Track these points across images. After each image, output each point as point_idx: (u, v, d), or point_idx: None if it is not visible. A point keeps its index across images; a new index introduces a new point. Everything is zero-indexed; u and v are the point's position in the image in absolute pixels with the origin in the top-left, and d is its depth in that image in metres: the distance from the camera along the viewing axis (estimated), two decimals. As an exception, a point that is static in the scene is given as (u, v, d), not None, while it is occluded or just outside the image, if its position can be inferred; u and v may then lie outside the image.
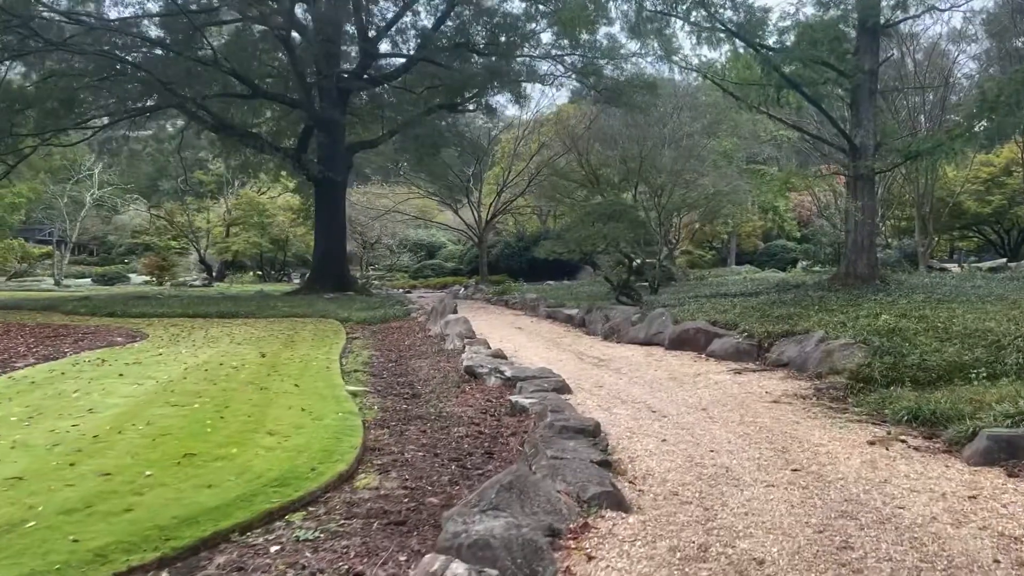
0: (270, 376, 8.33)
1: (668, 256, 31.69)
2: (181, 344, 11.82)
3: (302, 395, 7.21)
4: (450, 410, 6.98)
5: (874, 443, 5.83)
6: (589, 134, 28.70)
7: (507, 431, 6.20)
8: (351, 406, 6.74)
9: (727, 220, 41.05)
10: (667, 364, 10.10)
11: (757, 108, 16.61)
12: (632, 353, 11.22)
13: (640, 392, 7.98)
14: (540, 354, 11.04)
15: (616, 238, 14.75)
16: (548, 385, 7.55)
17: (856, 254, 15.44)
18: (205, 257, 48.32)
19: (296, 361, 9.59)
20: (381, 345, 12.20)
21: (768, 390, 8.05)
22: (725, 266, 43.18)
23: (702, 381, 8.69)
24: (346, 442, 5.48)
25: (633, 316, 13.01)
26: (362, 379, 8.63)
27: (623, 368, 9.74)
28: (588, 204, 16.86)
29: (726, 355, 10.37)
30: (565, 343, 12.49)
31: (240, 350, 10.90)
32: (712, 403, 7.37)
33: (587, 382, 8.58)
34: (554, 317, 16.59)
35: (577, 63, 27.56)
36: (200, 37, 22.77)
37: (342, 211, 28.06)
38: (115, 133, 28.21)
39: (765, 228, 47.10)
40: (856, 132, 15.29)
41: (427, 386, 8.32)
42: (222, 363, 9.33)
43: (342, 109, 25.45)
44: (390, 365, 9.85)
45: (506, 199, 37.81)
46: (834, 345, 8.88)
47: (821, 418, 6.70)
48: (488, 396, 7.60)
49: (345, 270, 28.13)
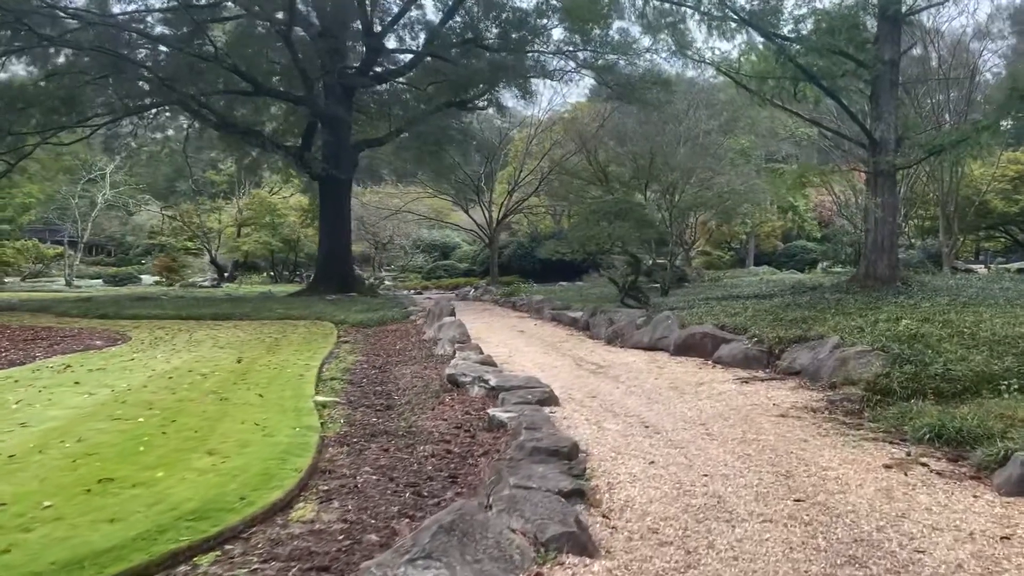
0: (236, 385, 7.76)
1: (684, 257, 31.02)
2: (159, 348, 11.32)
3: (263, 407, 6.63)
4: (421, 424, 6.37)
5: (891, 467, 5.15)
6: (601, 132, 27.99)
7: (479, 450, 5.59)
8: (312, 420, 6.16)
9: (745, 220, 40.22)
10: (670, 371, 9.43)
11: (772, 101, 15.87)
12: (634, 359, 10.56)
13: (635, 403, 7.33)
14: (536, 360, 10.41)
15: (622, 238, 14.07)
16: (533, 396, 6.91)
17: (876, 254, 14.65)
18: (216, 258, 48.11)
19: (271, 368, 9.03)
20: (370, 350, 11.62)
21: (776, 402, 7.37)
22: (743, 267, 42.27)
23: (705, 391, 8.02)
24: (292, 464, 4.89)
25: (638, 319, 12.34)
26: (337, 388, 8.04)
27: (622, 376, 9.08)
28: (593, 202, 16.20)
29: (734, 362, 9.69)
30: (565, 348, 11.83)
31: (218, 355, 10.37)
32: (713, 417, 6.71)
33: (580, 392, 7.94)
34: (558, 320, 15.95)
35: (589, 59, 26.88)
36: (202, 33, 22.35)
37: (347, 210, 27.53)
38: (121, 131, 27.91)
39: (785, 228, 46.08)
40: (876, 126, 14.50)
41: (405, 396, 7.72)
42: (192, 369, 8.79)
43: (347, 106, 24.94)
44: (372, 372, 9.25)
45: (518, 199, 37.18)
46: (850, 352, 8.17)
47: (832, 435, 6.03)
48: (468, 408, 6.99)
49: (350, 270, 27.61)
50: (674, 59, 26.38)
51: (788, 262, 43.43)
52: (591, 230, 14.27)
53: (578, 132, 29.14)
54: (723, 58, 18.70)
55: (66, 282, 40.49)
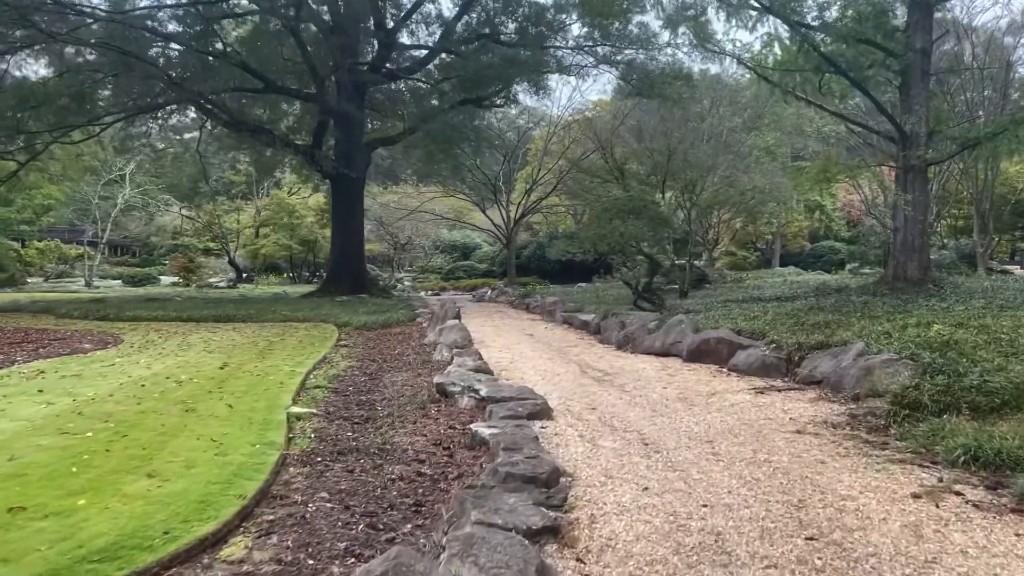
0: (211, 394, 7.27)
1: (707, 257, 30.22)
2: (147, 352, 10.91)
3: (228, 419, 6.12)
4: (397, 441, 5.81)
5: (920, 496, 4.50)
6: (620, 128, 27.28)
7: (454, 472, 5.02)
8: (277, 435, 5.63)
9: (770, 220, 39.27)
10: (680, 380, 8.79)
11: (795, 94, 15.12)
12: (644, 365, 9.92)
13: (638, 416, 6.71)
14: (539, 366, 9.81)
15: (636, 236, 13.42)
16: (523, 409, 6.33)
17: (905, 254, 13.86)
18: (235, 258, 48.03)
19: (254, 375, 8.54)
20: (365, 355, 11.09)
21: (793, 415, 6.72)
22: (769, 268, 41.29)
23: (716, 402, 7.39)
24: (238, 488, 4.35)
25: (650, 323, 11.69)
26: (319, 397, 7.52)
27: (628, 384, 8.46)
28: (606, 200, 15.58)
29: (750, 369, 9.03)
30: (572, 353, 11.22)
31: (205, 360, 9.91)
32: (721, 433, 6.09)
33: (579, 403, 7.33)
34: (569, 323, 15.34)
35: (608, 54, 26.18)
36: (213, 31, 22.03)
37: (360, 209, 27.07)
38: (135, 130, 27.71)
39: (812, 228, 44.98)
40: (906, 119, 13.70)
41: (389, 407, 7.18)
42: (170, 376, 8.32)
43: (359, 104, 24.49)
44: (361, 380, 8.72)
45: (536, 198, 36.55)
46: (875, 360, 7.49)
47: (854, 455, 5.39)
48: (453, 421, 6.43)
49: (363, 271, 27.15)
50: (695, 53, 25.75)
51: (815, 263, 42.38)
52: (603, 229, 13.61)
53: (596, 130, 28.41)
54: (745, 50, 18.01)
55: (86, 283, 40.56)
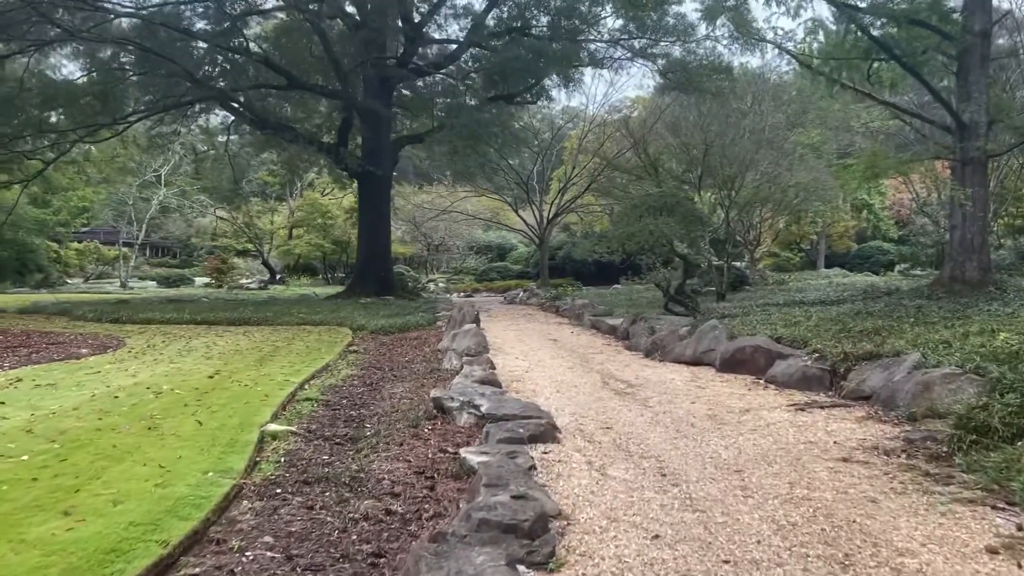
0: (187, 407, 6.63)
1: (748, 258, 29.06)
2: (142, 358, 10.39)
3: (191, 440, 5.46)
4: (376, 467, 5.07)
5: (998, 551, 3.61)
6: (657, 124, 26.27)
7: (432, 509, 4.26)
8: (238, 460, 4.94)
9: (815, 219, 37.89)
10: (711, 393, 7.91)
11: (841, 82, 14.09)
12: (673, 376, 9.05)
13: (659, 439, 5.88)
14: (556, 376, 9.00)
15: (668, 235, 12.52)
16: (525, 430, 5.54)
17: (964, 254, 12.74)
18: (268, 259, 48.04)
19: (242, 384, 7.90)
20: (372, 362, 10.41)
21: (838, 438, 5.83)
22: (814, 269, 39.87)
23: (749, 421, 6.51)
24: (163, 532, 3.65)
25: (682, 329, 10.81)
26: (305, 412, 6.82)
27: (652, 398, 7.62)
28: (636, 196, 14.66)
29: (789, 382, 8.12)
30: (596, 361, 10.38)
31: (198, 367, 9.31)
32: (754, 460, 5.24)
33: (593, 421, 6.52)
34: (597, 327, 14.49)
35: (645, 47, 25.22)
36: (237, 28, 21.64)
37: (386, 209, 26.44)
38: (166, 129, 27.54)
39: (859, 228, 43.37)
40: (964, 107, 12.61)
41: (380, 424, 6.45)
42: (151, 386, 7.71)
43: (386, 100, 23.89)
44: (359, 391, 8.01)
45: (570, 197, 35.67)
46: (934, 375, 6.54)
47: (912, 492, 4.50)
48: (446, 442, 5.68)
49: (389, 272, 26.51)
50: (735, 45, 24.71)
51: (862, 264, 40.86)
52: (631, 227, 12.72)
53: (631, 127, 27.44)
54: (787, 38, 17.00)
55: (121, 284, 40.80)
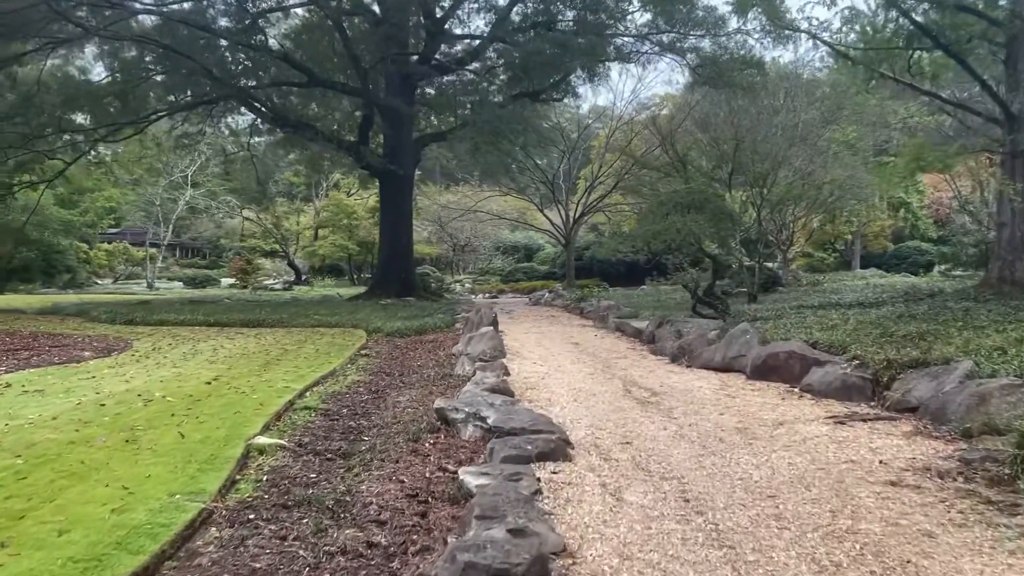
0: (173, 417, 6.20)
1: (781, 259, 28.21)
2: (143, 362, 10.04)
3: (167, 455, 5.02)
4: (365, 488, 4.57)
5: (1083, 603, 3.02)
6: (686, 121, 25.51)
7: (420, 541, 3.74)
8: (212, 480, 4.47)
9: (850, 218, 36.84)
10: (741, 403, 7.31)
11: (880, 72, 13.36)
12: (701, 383, 8.45)
13: (683, 456, 5.32)
14: (575, 383, 8.44)
15: (696, 233, 11.89)
16: (533, 447, 5.01)
17: (1014, 253, 11.97)
18: (294, 260, 47.95)
19: (239, 391, 7.47)
20: (382, 367, 9.94)
21: (884, 456, 5.23)
22: (849, 270, 38.76)
23: (784, 436, 5.92)
24: (105, 571, 3.16)
25: (710, 333, 10.18)
26: (300, 423, 6.35)
27: (677, 408, 7.04)
28: (662, 193, 14.02)
29: (827, 391, 7.48)
30: (618, 367, 9.79)
31: (198, 372, 8.91)
32: (789, 482, 4.66)
33: (612, 434, 5.97)
34: (622, 330, 13.88)
35: (673, 42, 24.51)
36: (257, 26, 21.38)
37: (408, 208, 25.98)
38: (191, 129, 27.42)
39: (895, 228, 42.10)
40: (1013, 97, 11.84)
41: (378, 437, 5.95)
42: (142, 393, 7.31)
43: (408, 98, 23.45)
44: (362, 399, 7.53)
45: (596, 196, 34.98)
46: (991, 386, 5.90)
47: (974, 524, 3.91)
48: (447, 459, 5.16)
49: (411, 272, 26.05)
50: (767, 39, 23.93)
51: (899, 265, 39.66)
52: (657, 225, 12.10)
53: (658, 124, 26.70)
54: (822, 29, 16.28)
55: (148, 285, 40.91)
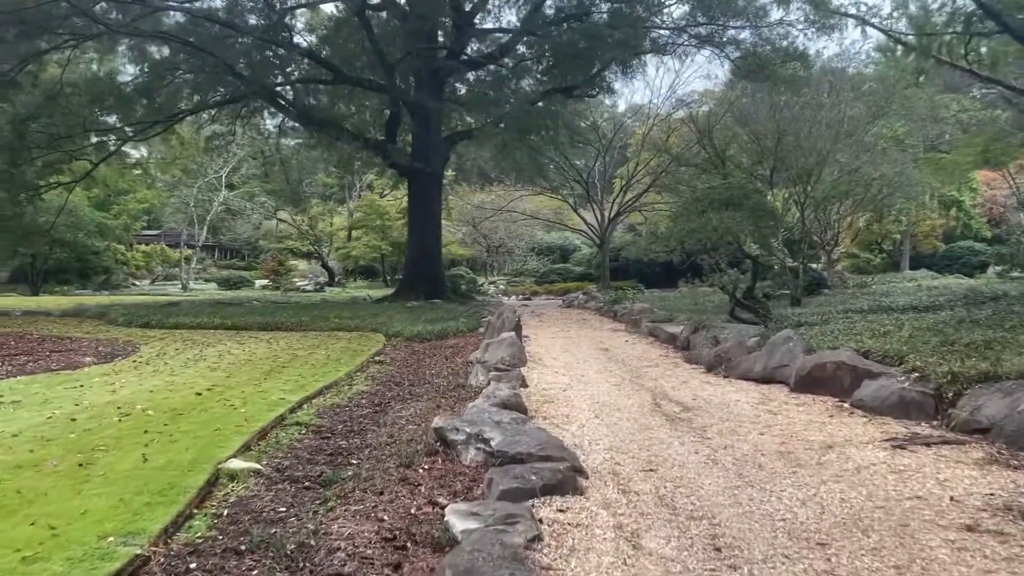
0: (146, 434, 5.62)
1: (826, 259, 27.10)
2: (142, 369, 9.56)
3: (119, 482, 4.42)
4: (338, 528, 3.89)
5: None
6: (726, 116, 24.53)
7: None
8: (157, 518, 3.84)
9: (899, 217, 35.46)
10: (784, 420, 6.51)
11: (938, 57, 12.37)
12: (739, 397, 7.64)
13: (716, 487, 4.56)
14: (599, 396, 7.68)
15: (734, 231, 11.03)
16: (539, 477, 4.31)
17: (1086, 253, 10.92)
18: (327, 261, 47.82)
19: (229, 403, 6.88)
20: (393, 375, 9.29)
21: (955, 492, 4.42)
22: (897, 271, 37.29)
23: (834, 462, 5.13)
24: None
25: (749, 339, 9.34)
26: (285, 442, 5.72)
27: (711, 426, 6.27)
28: (698, 189, 13.19)
29: (882, 407, 6.64)
30: (648, 376, 9.00)
31: (195, 381, 8.37)
32: (842, 524, 3.90)
33: (634, 459, 5.23)
34: (655, 335, 13.06)
35: (712, 34, 23.58)
36: (283, 23, 21.00)
37: (437, 208, 25.31)
38: (221, 129, 27.21)
39: (946, 227, 40.44)
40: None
41: (367, 461, 5.28)
42: (121, 406, 6.74)
43: (437, 94, 22.80)
44: (362, 413, 6.88)
45: (632, 196, 34.05)
46: (1080, 407, 5.05)
47: (1077, 587, 3.11)
48: (440, 490, 4.48)
49: (440, 274, 25.40)
50: (811, 29, 22.94)
51: (950, 266, 38.06)
52: (692, 223, 11.26)
53: (697, 121, 25.71)
54: (872, 14, 15.33)
55: (183, 286, 41.01)
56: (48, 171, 22.06)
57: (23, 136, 19.69)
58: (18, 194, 21.02)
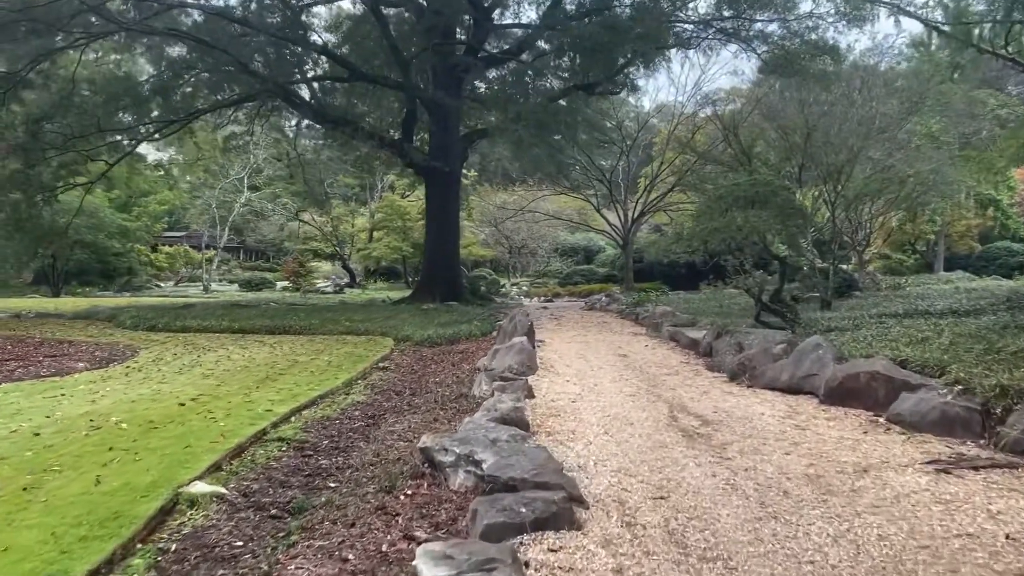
0: (111, 451, 5.21)
1: (857, 260, 26.26)
2: (133, 376, 9.21)
3: (58, 510, 4.01)
4: (294, 569, 3.39)
5: None
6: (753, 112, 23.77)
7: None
8: (81, 559, 3.40)
9: (933, 217, 34.36)
10: (814, 437, 5.92)
11: (979, 46, 11.66)
12: (763, 409, 7.05)
13: (735, 520, 4.01)
14: (610, 407, 7.12)
15: (760, 230, 10.38)
16: (530, 509, 3.78)
17: None
18: (348, 262, 47.64)
19: (211, 415, 6.46)
20: (395, 383, 8.81)
21: (1011, 528, 3.85)
22: (931, 272, 36.17)
23: (870, 489, 4.55)
24: None
25: (775, 346, 8.72)
26: (261, 460, 5.26)
27: (732, 444, 5.70)
28: (722, 186, 12.56)
29: (922, 423, 6.04)
30: (667, 385, 8.41)
31: (183, 389, 7.98)
32: (882, 569, 3.34)
33: (645, 484, 4.68)
34: (676, 340, 12.42)
35: (739, 29, 22.86)
36: (299, 20, 20.66)
37: (455, 208, 24.77)
38: (239, 129, 26.99)
39: (982, 227, 39.19)
40: None
41: (348, 483, 4.79)
42: (95, 419, 6.33)
43: (455, 92, 22.28)
44: (353, 427, 6.41)
45: (656, 196, 33.31)
46: None
47: None
48: (421, 521, 3.97)
49: (457, 275, 24.87)
50: (842, 22, 22.18)
51: (987, 267, 36.90)
52: (715, 221, 10.62)
53: (723, 118, 24.94)
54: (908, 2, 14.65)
55: (204, 287, 40.98)
56: (64, 172, 21.93)
57: (37, 136, 19.59)
58: (34, 195, 20.93)
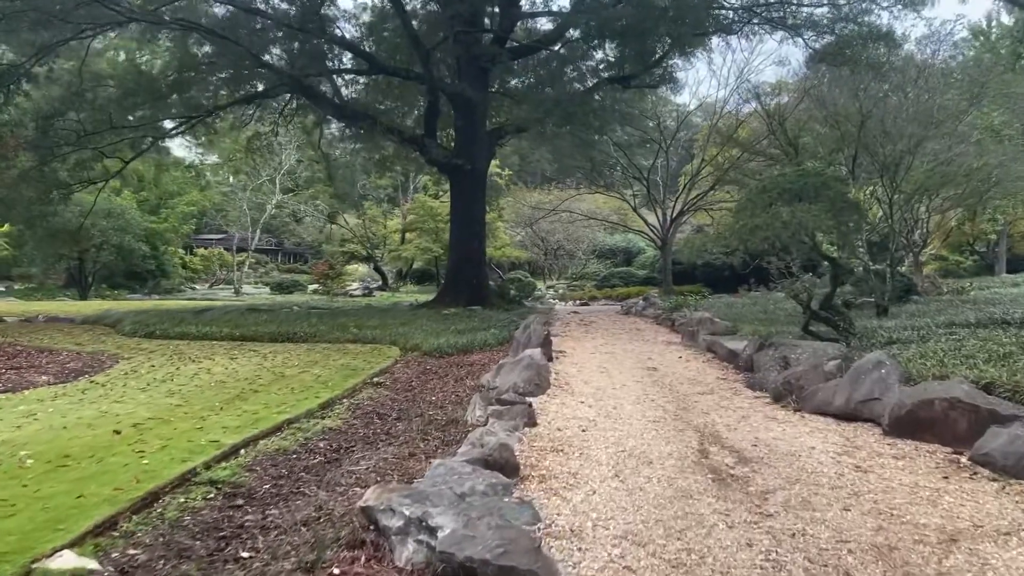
0: None
1: (911, 261, 24.55)
2: (90, 393, 8.31)
3: None
4: None
5: None
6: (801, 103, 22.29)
7: None
8: None
9: (995, 216, 32.34)
10: (879, 485, 4.68)
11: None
12: (815, 441, 5.78)
13: (775, 627, 2.83)
14: (628, 439, 5.90)
15: (808, 227, 9.06)
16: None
17: None
18: (381, 265, 47.06)
19: (137, 449, 5.47)
20: (384, 403, 7.72)
21: None
22: (991, 275, 34.06)
23: (963, 570, 3.32)
24: None
25: (828, 362, 7.41)
26: (169, 516, 4.18)
27: (776, 492, 4.50)
28: (765, 178, 11.22)
29: (1017, 467, 4.77)
30: (699, 408, 7.15)
31: (133, 411, 7.05)
32: None
33: (656, 559, 3.51)
34: (714, 350, 11.14)
35: (787, 16, 21.45)
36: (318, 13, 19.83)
37: (480, 208, 23.54)
38: (263, 128, 26.36)
39: (1048, 227, 36.91)
40: None
41: (268, 551, 3.68)
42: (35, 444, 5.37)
43: (481, 85, 21.16)
44: (310, 464, 5.29)
45: (696, 194, 31.82)
46: None
47: None
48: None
49: (483, 278, 23.69)
50: (897, 6, 20.65)
51: (1053, 269, 34.65)
52: (757, 218, 9.31)
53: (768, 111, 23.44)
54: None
55: (235, 290, 40.64)
56: (79, 169, 21.40)
57: (47, 133, 19.07)
58: (48, 193, 20.43)
